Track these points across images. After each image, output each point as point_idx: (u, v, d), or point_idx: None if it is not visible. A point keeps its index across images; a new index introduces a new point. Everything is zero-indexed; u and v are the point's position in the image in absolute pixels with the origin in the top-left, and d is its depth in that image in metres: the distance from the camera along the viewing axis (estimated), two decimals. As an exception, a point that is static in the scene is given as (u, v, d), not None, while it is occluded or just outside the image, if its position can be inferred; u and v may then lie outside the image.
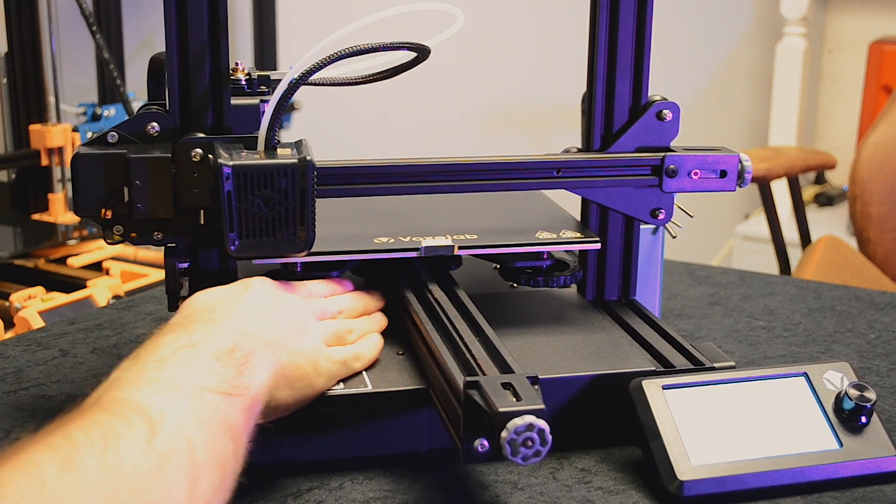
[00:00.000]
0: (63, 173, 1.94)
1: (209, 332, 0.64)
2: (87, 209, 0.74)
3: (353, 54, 0.72)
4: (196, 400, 0.58)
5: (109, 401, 0.56)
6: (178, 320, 0.66)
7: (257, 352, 0.65)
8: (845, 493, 0.70)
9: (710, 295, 1.11)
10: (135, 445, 0.52)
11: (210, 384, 0.60)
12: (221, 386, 0.60)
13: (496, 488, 0.70)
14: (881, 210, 1.86)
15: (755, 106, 2.93)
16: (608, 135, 0.85)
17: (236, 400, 0.61)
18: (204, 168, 0.73)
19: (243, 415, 0.61)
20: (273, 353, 0.66)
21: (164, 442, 0.53)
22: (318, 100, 2.14)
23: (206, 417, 0.57)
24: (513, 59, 2.79)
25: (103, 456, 0.50)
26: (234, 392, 0.61)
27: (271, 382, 0.65)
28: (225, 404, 0.59)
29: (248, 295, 0.70)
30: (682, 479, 0.68)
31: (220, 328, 0.65)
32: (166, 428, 0.54)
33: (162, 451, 0.53)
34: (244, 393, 0.62)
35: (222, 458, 0.57)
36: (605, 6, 0.83)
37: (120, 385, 0.58)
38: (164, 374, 0.59)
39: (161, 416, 0.55)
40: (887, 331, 1.01)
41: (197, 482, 0.54)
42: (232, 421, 0.59)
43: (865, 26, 2.83)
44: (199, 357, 0.61)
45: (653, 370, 0.76)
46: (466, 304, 0.80)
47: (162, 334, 0.64)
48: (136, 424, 0.53)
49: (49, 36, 1.87)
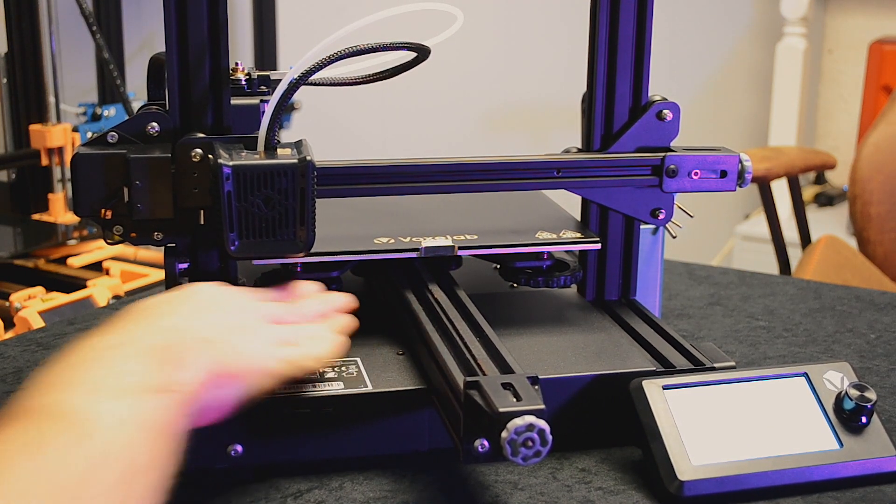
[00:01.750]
0: (63, 173, 1.94)
1: (141, 330, 0.63)
2: (87, 209, 0.74)
3: (353, 54, 0.72)
4: (126, 399, 0.56)
5: (38, 407, 0.55)
6: (112, 321, 0.65)
7: (193, 349, 0.63)
8: (845, 493, 0.70)
9: (710, 295, 1.11)
10: (67, 450, 0.51)
11: (140, 382, 0.58)
12: (152, 383, 0.59)
13: (496, 488, 0.70)
14: (881, 210, 1.86)
15: (755, 106, 2.93)
16: (608, 135, 0.85)
17: (169, 397, 0.59)
18: (204, 168, 0.73)
19: (177, 412, 0.59)
20: (210, 350, 0.64)
21: (97, 445, 0.53)
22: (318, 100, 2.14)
23: (136, 417, 0.56)
24: (513, 59, 2.79)
25: (35, 464, 0.49)
26: (165, 389, 0.59)
27: (209, 380, 0.63)
28: (156, 402, 0.58)
29: (190, 296, 0.69)
30: (683, 480, 0.68)
31: (153, 327, 0.64)
32: (97, 431, 0.53)
33: (94, 454, 0.52)
34: (178, 390, 0.60)
35: (156, 458, 0.56)
36: (605, 6, 0.83)
37: (49, 389, 0.57)
38: (93, 375, 0.58)
39: (91, 419, 0.54)
40: (887, 331, 1.01)
41: (132, 484, 0.53)
42: (165, 419, 0.58)
43: (865, 26, 2.84)
44: (129, 356, 0.60)
45: (653, 370, 0.76)
46: (466, 304, 0.79)
47: (93, 335, 0.63)
48: (67, 429, 0.53)
49: (49, 36, 1.87)
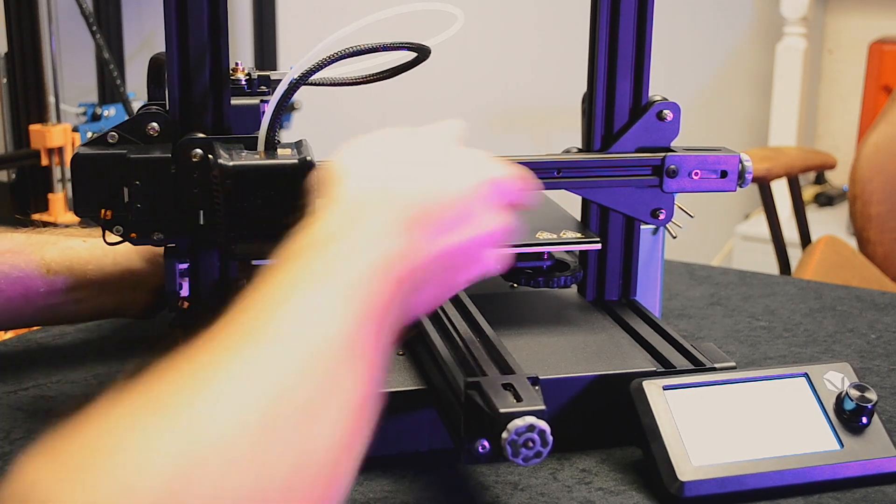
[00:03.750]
0: (63, 173, 1.94)
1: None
2: (86, 209, 0.74)
3: (353, 54, 0.72)
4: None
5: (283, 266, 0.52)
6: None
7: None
8: (846, 493, 0.70)
9: (710, 295, 1.11)
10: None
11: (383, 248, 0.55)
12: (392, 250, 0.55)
13: (496, 489, 0.70)
14: (881, 210, 1.86)
15: (755, 106, 2.93)
16: (608, 135, 0.85)
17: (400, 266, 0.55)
18: (204, 168, 0.73)
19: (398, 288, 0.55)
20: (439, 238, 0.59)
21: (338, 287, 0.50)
22: (318, 100, 2.14)
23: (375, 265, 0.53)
24: (513, 59, 2.78)
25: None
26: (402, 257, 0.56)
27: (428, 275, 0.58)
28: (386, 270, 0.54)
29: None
30: (683, 480, 0.68)
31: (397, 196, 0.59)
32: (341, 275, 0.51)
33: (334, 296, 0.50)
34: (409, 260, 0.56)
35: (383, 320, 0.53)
36: (605, 6, 0.83)
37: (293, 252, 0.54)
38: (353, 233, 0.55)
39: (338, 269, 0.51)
40: (888, 331, 1.01)
41: (361, 335, 0.50)
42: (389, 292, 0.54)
43: (865, 26, 2.83)
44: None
45: (653, 371, 0.76)
46: (467, 304, 0.79)
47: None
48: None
49: (49, 36, 1.87)
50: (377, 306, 0.52)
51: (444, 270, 0.60)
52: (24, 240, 0.84)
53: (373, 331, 0.51)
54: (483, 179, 0.62)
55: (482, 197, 0.61)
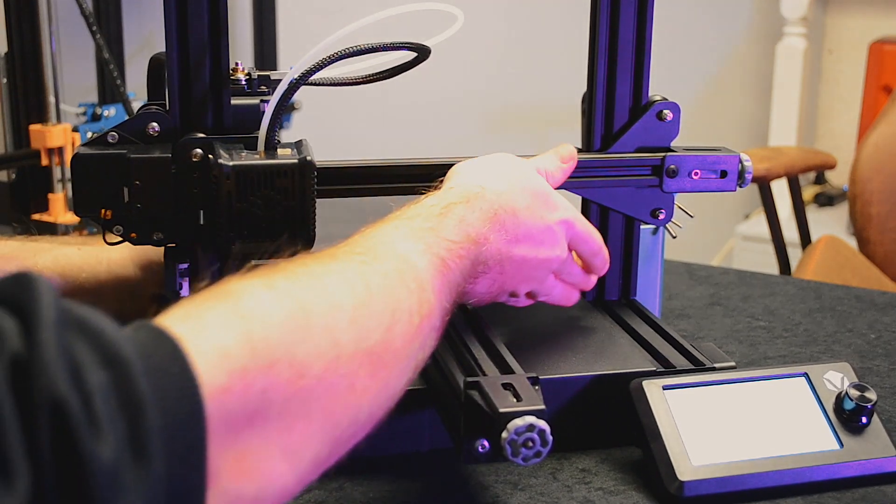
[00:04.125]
0: (63, 173, 1.93)
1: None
2: (87, 209, 0.74)
3: (353, 54, 0.72)
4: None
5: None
6: None
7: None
8: (846, 493, 0.70)
9: (710, 295, 1.11)
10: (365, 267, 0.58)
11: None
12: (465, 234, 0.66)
13: (496, 489, 0.70)
14: (881, 210, 1.86)
15: (755, 106, 2.93)
16: (608, 135, 0.85)
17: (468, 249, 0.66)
18: (204, 168, 0.73)
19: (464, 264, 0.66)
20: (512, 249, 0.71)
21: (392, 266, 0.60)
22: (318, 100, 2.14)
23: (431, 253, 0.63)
24: (513, 59, 2.78)
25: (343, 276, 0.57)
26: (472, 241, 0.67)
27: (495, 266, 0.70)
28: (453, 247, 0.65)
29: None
30: (683, 480, 0.68)
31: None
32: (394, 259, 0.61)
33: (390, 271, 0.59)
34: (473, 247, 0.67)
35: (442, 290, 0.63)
36: (605, 6, 0.83)
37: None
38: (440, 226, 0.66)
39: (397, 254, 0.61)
40: (888, 331, 1.01)
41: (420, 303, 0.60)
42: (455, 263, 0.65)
43: (865, 26, 2.83)
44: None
45: (653, 370, 0.76)
46: (467, 304, 0.79)
47: None
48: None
49: (49, 36, 1.87)
50: (446, 269, 0.63)
51: (504, 272, 0.70)
52: (17, 246, 0.84)
53: (441, 284, 0.62)
54: (565, 217, 0.74)
55: (557, 230, 0.73)
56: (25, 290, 0.41)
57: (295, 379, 0.49)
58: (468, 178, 0.71)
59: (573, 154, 0.81)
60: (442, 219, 0.65)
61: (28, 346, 0.39)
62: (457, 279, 0.64)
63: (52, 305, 0.40)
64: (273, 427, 0.48)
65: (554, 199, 0.74)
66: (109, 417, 0.39)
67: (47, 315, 0.40)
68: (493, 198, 0.69)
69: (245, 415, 0.46)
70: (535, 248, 0.72)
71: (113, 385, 0.40)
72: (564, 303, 0.78)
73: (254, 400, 0.46)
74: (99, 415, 0.39)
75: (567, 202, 0.75)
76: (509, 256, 0.70)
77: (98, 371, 0.40)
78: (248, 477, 0.47)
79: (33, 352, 0.39)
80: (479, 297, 0.71)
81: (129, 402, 0.40)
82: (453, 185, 0.70)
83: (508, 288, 0.72)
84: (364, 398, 0.53)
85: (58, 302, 0.41)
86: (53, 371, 0.38)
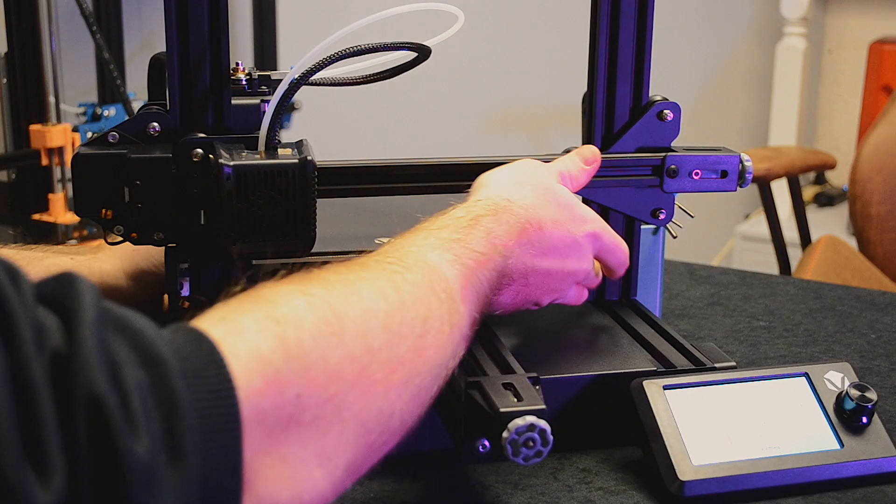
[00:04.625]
0: (63, 173, 1.93)
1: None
2: (87, 209, 0.74)
3: (353, 54, 0.72)
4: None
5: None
6: None
7: None
8: (846, 493, 0.70)
9: (710, 295, 1.11)
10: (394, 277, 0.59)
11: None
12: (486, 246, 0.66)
13: (497, 488, 0.70)
14: (881, 210, 1.86)
15: (755, 106, 2.93)
16: (609, 135, 0.85)
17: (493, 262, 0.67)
18: (204, 168, 0.73)
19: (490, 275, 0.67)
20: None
21: (418, 275, 0.60)
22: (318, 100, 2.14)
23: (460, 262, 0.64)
24: (513, 59, 2.78)
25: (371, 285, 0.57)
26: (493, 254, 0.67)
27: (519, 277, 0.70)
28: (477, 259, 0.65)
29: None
30: (683, 480, 0.68)
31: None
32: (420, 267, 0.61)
33: (418, 281, 0.59)
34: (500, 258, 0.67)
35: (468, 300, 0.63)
36: (605, 6, 0.83)
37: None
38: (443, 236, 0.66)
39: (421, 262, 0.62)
40: (888, 331, 1.01)
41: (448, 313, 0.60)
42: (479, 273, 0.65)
43: (865, 26, 2.83)
44: None
45: (654, 370, 0.76)
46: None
47: None
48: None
49: (49, 36, 1.87)
50: (474, 280, 0.64)
51: (529, 284, 0.71)
52: (11, 255, 0.84)
53: (469, 295, 0.63)
54: (592, 230, 0.74)
55: (584, 243, 0.73)
56: (67, 289, 0.41)
57: (329, 384, 0.49)
58: (495, 191, 0.71)
59: (596, 155, 0.81)
60: (470, 230, 0.66)
61: (69, 343, 0.39)
62: (484, 290, 0.65)
63: (93, 304, 0.41)
64: (308, 432, 0.48)
65: (581, 211, 0.74)
66: (146, 416, 0.40)
67: (88, 314, 0.40)
68: (521, 212, 0.69)
69: (280, 419, 0.46)
70: (561, 262, 0.72)
71: (150, 384, 0.41)
72: (576, 302, 0.78)
73: (289, 404, 0.47)
74: (136, 413, 0.39)
75: (594, 213, 0.75)
76: (535, 269, 0.70)
77: (136, 370, 0.41)
78: (285, 483, 0.47)
79: (73, 349, 0.39)
80: (504, 307, 0.71)
81: (166, 402, 0.41)
82: (480, 198, 0.70)
83: (533, 299, 0.73)
84: (397, 404, 0.54)
85: (99, 301, 0.42)
86: (93, 368, 0.39)
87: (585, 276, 0.75)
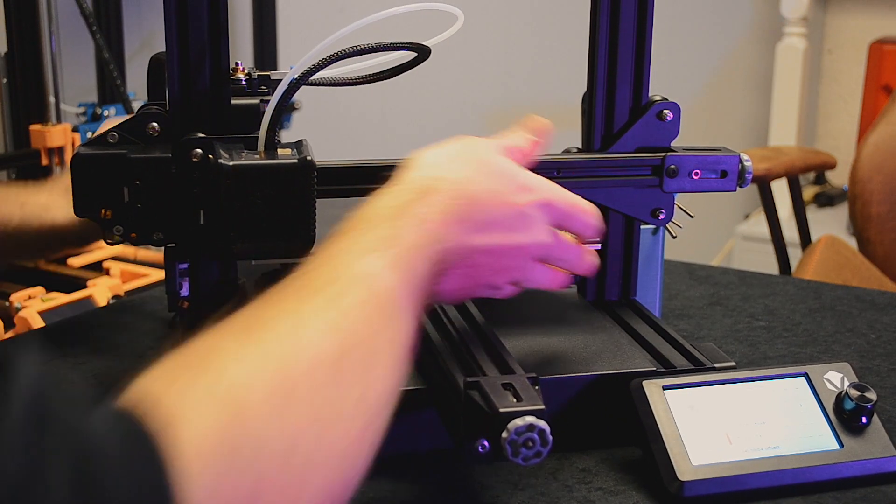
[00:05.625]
0: (63, 173, 1.93)
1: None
2: (87, 209, 0.74)
3: (353, 54, 0.72)
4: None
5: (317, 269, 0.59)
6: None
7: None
8: (846, 493, 0.70)
9: (710, 295, 1.11)
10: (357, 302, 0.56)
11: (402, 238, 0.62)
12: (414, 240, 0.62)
13: (496, 489, 0.70)
14: (881, 210, 1.86)
15: (755, 106, 2.93)
16: (608, 135, 0.85)
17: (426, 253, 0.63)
18: (204, 168, 0.73)
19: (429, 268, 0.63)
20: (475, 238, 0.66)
21: (363, 289, 0.57)
22: (318, 100, 2.14)
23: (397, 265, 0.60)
24: (513, 59, 2.78)
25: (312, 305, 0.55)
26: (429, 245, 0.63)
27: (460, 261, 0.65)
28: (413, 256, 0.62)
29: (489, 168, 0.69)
30: (683, 480, 0.68)
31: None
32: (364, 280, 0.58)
33: (363, 295, 0.57)
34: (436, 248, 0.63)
35: (409, 303, 0.60)
36: (605, 6, 0.83)
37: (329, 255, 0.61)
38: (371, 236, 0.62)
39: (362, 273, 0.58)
40: (888, 331, 1.01)
41: (392, 319, 0.58)
42: (419, 270, 0.62)
43: (865, 26, 2.83)
44: None
45: (653, 370, 0.76)
46: (466, 304, 0.79)
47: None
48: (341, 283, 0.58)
49: (49, 36, 1.87)
50: (414, 278, 0.60)
51: (475, 265, 0.65)
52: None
53: (411, 297, 0.60)
54: (539, 198, 0.67)
55: (531, 213, 0.67)
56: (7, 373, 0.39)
57: (288, 455, 0.47)
58: (424, 170, 0.66)
59: (545, 125, 0.74)
60: (399, 222, 0.61)
61: None
62: (425, 284, 0.61)
63: (27, 394, 0.39)
64: None
65: (525, 180, 0.68)
66: None
67: (18, 405, 0.38)
68: (450, 187, 0.64)
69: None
70: (506, 236, 0.65)
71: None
72: (550, 285, 0.71)
73: (247, 490, 0.45)
74: None
75: (545, 181, 0.69)
76: (476, 248, 0.64)
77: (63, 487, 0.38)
78: None
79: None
80: (452, 294, 0.66)
81: None
82: (408, 179, 0.65)
83: (484, 281, 0.67)
84: (359, 447, 0.53)
85: (36, 389, 0.39)
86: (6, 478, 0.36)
87: (544, 250, 0.68)
